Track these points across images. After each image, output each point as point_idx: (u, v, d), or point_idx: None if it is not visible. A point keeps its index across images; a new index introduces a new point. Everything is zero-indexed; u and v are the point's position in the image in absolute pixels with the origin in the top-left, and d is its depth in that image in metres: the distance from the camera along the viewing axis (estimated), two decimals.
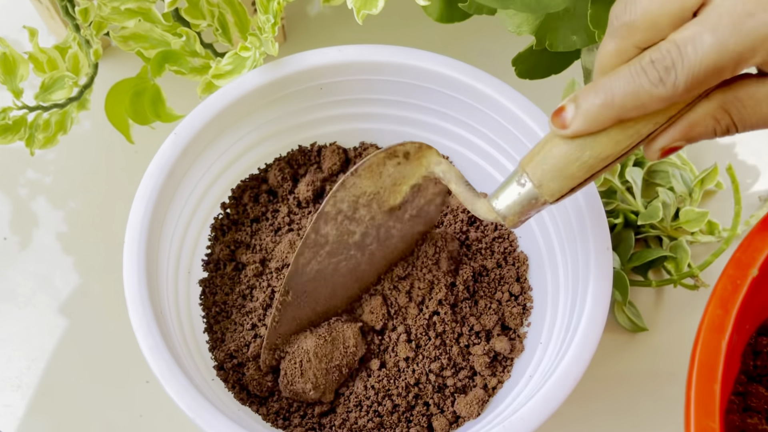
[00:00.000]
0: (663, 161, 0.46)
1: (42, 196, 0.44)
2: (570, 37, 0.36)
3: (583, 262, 0.33)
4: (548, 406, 0.29)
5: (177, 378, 0.29)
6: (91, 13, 0.38)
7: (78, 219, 0.44)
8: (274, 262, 0.36)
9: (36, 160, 0.45)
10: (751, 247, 0.28)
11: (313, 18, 0.52)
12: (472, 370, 0.36)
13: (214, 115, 0.34)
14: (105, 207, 0.44)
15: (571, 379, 0.29)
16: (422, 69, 0.36)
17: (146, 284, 0.30)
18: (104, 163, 0.45)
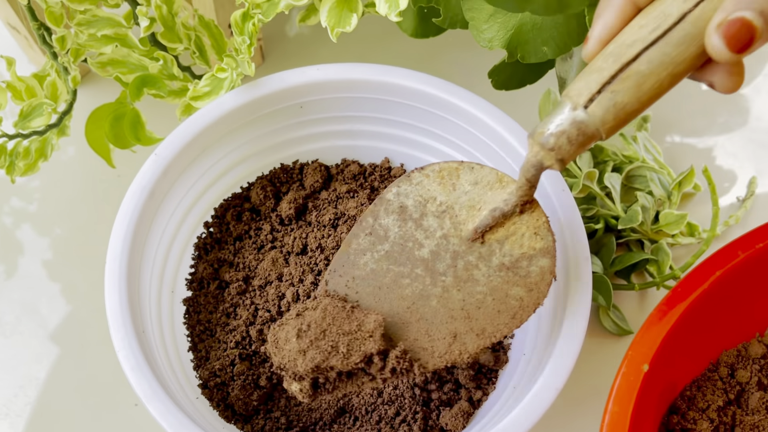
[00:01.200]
0: (640, 166, 0.46)
1: (26, 223, 0.44)
2: (541, 49, 0.37)
3: (563, 272, 0.33)
4: (529, 418, 0.29)
5: (159, 397, 0.29)
6: (68, 40, 0.38)
7: (63, 245, 0.44)
8: (257, 280, 0.36)
9: (19, 187, 0.45)
10: (641, 344, 0.30)
11: (292, 38, 0.52)
12: (457, 383, 0.36)
13: (195, 135, 0.34)
14: (89, 232, 0.44)
15: (552, 390, 0.30)
16: (400, 86, 0.36)
17: (128, 303, 0.30)
18: (88, 189, 0.46)
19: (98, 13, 0.37)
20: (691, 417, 0.33)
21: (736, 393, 0.35)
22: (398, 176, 0.40)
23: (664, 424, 0.34)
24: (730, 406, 0.34)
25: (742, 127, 0.51)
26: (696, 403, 0.34)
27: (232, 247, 0.38)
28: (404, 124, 0.39)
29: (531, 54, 0.37)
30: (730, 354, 0.36)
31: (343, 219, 0.37)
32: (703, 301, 0.31)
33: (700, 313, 0.32)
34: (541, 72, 0.44)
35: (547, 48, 0.37)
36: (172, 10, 0.38)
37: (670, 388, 0.34)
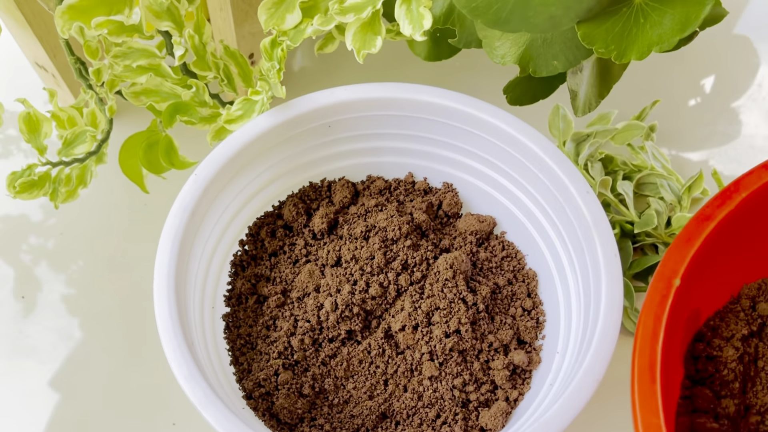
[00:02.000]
0: (650, 173, 0.48)
1: (54, 252, 0.45)
2: (551, 63, 0.39)
3: (593, 270, 0.34)
4: (574, 405, 0.31)
5: (215, 404, 0.30)
6: (104, 72, 0.40)
7: (93, 271, 0.45)
8: (295, 292, 0.38)
9: (52, 216, 0.46)
10: (671, 260, 0.31)
11: (299, 76, 0.54)
12: (493, 384, 0.37)
13: (232, 155, 0.36)
14: (120, 260, 0.45)
15: (593, 379, 0.31)
16: (423, 102, 0.38)
17: (177, 316, 0.31)
18: (116, 218, 0.47)
19: (133, 44, 0.39)
20: (717, 344, 0.34)
21: (758, 326, 0.35)
22: (422, 189, 0.42)
23: (690, 351, 0.34)
24: (753, 338, 0.35)
25: (741, 135, 0.53)
26: (720, 332, 0.34)
27: (268, 263, 0.39)
28: (427, 139, 0.40)
29: (542, 68, 0.39)
30: (752, 287, 0.36)
31: (374, 231, 0.38)
32: (729, 224, 0.31)
33: (725, 237, 0.32)
34: (552, 87, 0.46)
35: (557, 62, 0.39)
36: (203, 40, 0.40)
37: (695, 316, 0.34)
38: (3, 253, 0.46)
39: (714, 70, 0.56)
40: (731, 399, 0.33)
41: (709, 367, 0.33)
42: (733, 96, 0.55)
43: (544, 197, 0.38)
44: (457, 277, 0.37)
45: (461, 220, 0.41)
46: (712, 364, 0.33)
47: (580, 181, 0.35)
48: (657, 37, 0.34)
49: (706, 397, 0.33)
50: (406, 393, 0.36)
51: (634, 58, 0.35)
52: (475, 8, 0.35)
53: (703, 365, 0.34)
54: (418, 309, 0.36)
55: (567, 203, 0.36)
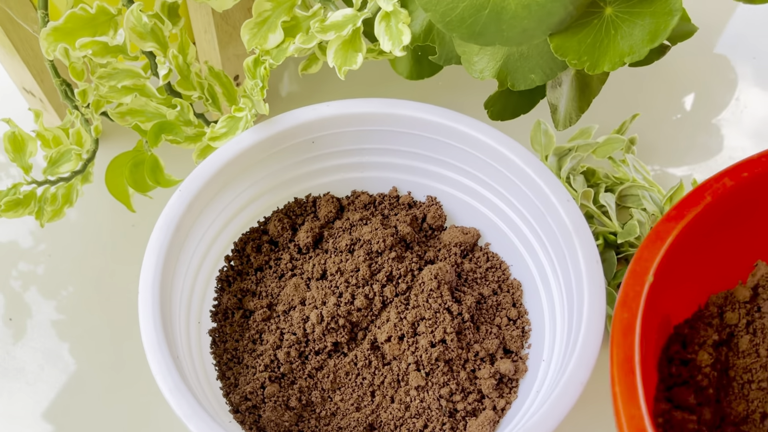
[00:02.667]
0: (631, 185, 0.49)
1: (43, 276, 0.46)
2: (528, 76, 0.40)
3: (575, 277, 0.35)
4: (558, 411, 0.31)
5: (200, 416, 0.30)
6: (90, 94, 0.40)
7: (82, 293, 0.45)
8: (281, 306, 0.38)
9: (44, 232, 0.46)
10: (643, 258, 0.31)
11: (285, 97, 0.55)
12: (480, 393, 0.37)
13: (216, 171, 0.36)
14: (109, 281, 0.45)
15: (577, 383, 0.31)
16: (405, 116, 0.39)
17: (162, 329, 0.32)
18: (103, 239, 0.47)
19: (118, 65, 0.39)
20: (691, 349, 0.34)
21: (726, 335, 0.36)
22: (407, 203, 0.42)
23: (664, 353, 0.35)
24: (722, 347, 0.35)
25: (721, 148, 0.54)
26: (692, 338, 0.35)
27: (254, 278, 0.40)
28: (410, 153, 0.41)
29: (520, 81, 0.40)
30: (719, 296, 0.37)
31: (358, 244, 0.39)
32: (697, 227, 0.32)
33: (693, 240, 0.32)
34: (533, 102, 0.47)
35: (535, 75, 0.40)
36: (187, 60, 0.41)
37: (665, 322, 0.34)
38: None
39: (693, 86, 0.57)
40: (707, 407, 0.33)
41: (684, 371, 0.34)
42: (712, 110, 0.56)
43: (526, 207, 0.38)
44: (441, 287, 0.37)
45: (445, 232, 0.42)
46: (686, 369, 0.34)
47: (561, 189, 0.36)
48: (628, 48, 0.35)
49: (685, 396, 0.33)
50: (393, 404, 0.36)
51: (607, 68, 0.35)
52: (450, 22, 0.36)
53: (677, 369, 0.34)
54: (404, 320, 0.37)
55: (548, 212, 0.36)
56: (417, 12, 0.42)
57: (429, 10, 0.36)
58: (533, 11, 0.34)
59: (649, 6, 0.34)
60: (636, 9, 0.34)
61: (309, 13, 0.41)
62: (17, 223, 0.47)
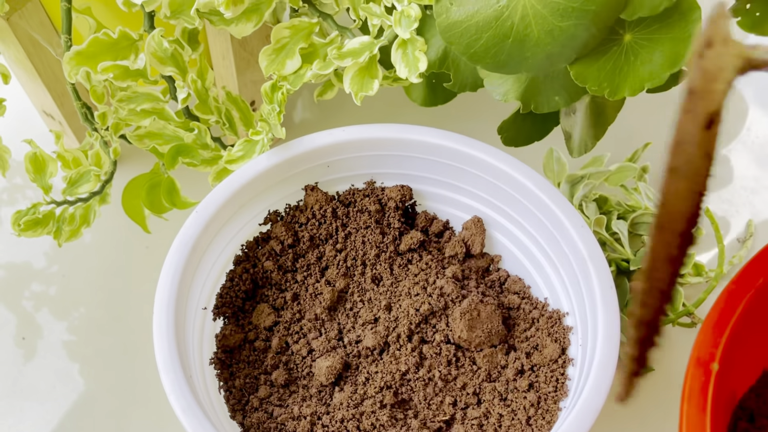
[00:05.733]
0: (644, 212, 0.49)
1: (56, 295, 0.46)
2: (553, 99, 0.40)
3: (589, 303, 0.35)
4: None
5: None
6: (109, 117, 0.41)
7: (95, 313, 0.45)
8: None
9: (54, 255, 0.47)
10: (706, 344, 0.30)
11: (299, 123, 0.56)
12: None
13: (232, 192, 0.37)
14: (121, 302, 0.46)
15: (592, 410, 0.31)
16: (419, 142, 0.39)
17: (176, 348, 0.32)
18: (118, 260, 0.47)
19: (138, 89, 0.40)
20: (759, 424, 0.33)
21: None
22: (420, 224, 0.43)
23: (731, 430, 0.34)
24: None
25: (733, 177, 0.54)
26: (760, 409, 0.34)
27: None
28: (424, 179, 0.41)
29: (544, 104, 0.40)
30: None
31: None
32: (757, 300, 0.31)
33: (752, 319, 0.32)
34: (547, 128, 0.47)
35: (559, 97, 0.40)
36: (205, 85, 0.41)
37: (731, 396, 0.34)
38: (5, 300, 0.46)
39: None
40: None
41: None
42: (723, 140, 0.56)
43: (540, 233, 0.39)
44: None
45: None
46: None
47: (575, 216, 0.36)
48: (648, 74, 0.35)
49: None
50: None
51: (627, 94, 0.36)
52: (474, 54, 0.36)
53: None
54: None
55: (562, 238, 0.36)
56: (433, 39, 0.43)
57: (453, 43, 0.36)
58: (556, 36, 0.34)
59: (668, 32, 0.35)
60: (655, 35, 0.35)
61: (326, 40, 0.41)
62: (32, 244, 0.47)
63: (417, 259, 0.40)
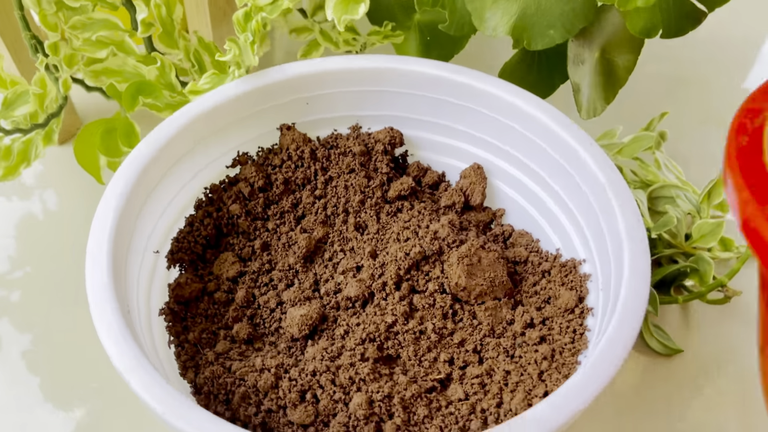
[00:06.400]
0: (663, 185, 0.44)
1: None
2: (547, 32, 0.36)
3: (611, 240, 0.29)
4: (598, 376, 0.24)
5: (145, 368, 0.24)
6: (62, 49, 0.36)
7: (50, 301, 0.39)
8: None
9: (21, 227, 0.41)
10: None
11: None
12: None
13: (191, 119, 0.32)
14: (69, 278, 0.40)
15: (614, 357, 0.25)
16: (407, 71, 0.35)
17: (112, 282, 0.26)
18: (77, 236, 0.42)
19: (94, 15, 0.36)
20: None
21: None
22: (412, 174, 0.37)
23: None
24: None
25: None
26: None
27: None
28: (417, 122, 0.36)
29: (537, 38, 0.36)
30: None
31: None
32: None
33: None
34: (552, 84, 0.43)
35: (554, 31, 0.36)
36: (171, 14, 0.37)
37: None
38: None
39: (723, 89, 0.53)
40: None
41: None
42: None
43: (550, 173, 0.33)
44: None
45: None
46: None
47: (592, 144, 0.31)
48: None
49: None
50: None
51: (640, 3, 0.31)
52: None
53: None
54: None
55: (577, 171, 0.31)
56: None
57: None
58: None
59: None
60: None
61: None
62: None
63: (408, 208, 0.35)
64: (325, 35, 0.46)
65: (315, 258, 0.33)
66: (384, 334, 0.30)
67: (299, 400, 0.27)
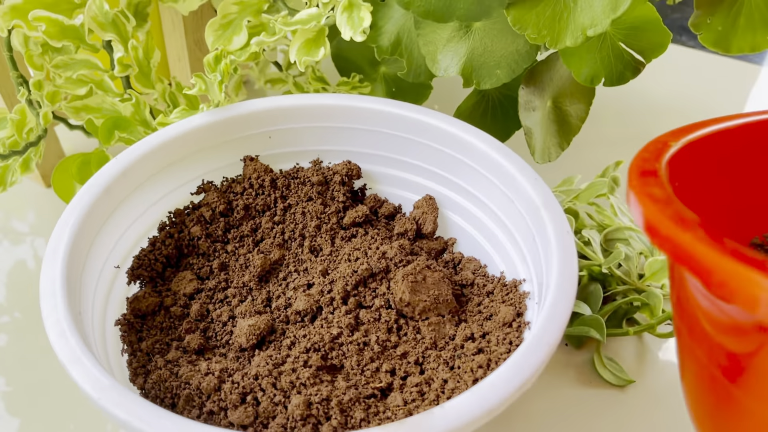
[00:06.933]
0: (617, 227, 0.46)
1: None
2: (494, 72, 0.38)
3: (544, 254, 0.30)
4: (521, 367, 0.25)
5: (88, 359, 0.25)
6: (45, 86, 0.39)
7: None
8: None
9: None
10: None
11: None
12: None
13: (157, 145, 0.34)
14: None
15: (543, 344, 0.26)
16: (364, 109, 0.37)
17: (65, 283, 0.27)
18: None
19: (76, 56, 0.39)
20: None
21: None
22: (368, 204, 0.39)
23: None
24: None
25: None
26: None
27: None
28: (374, 156, 0.39)
29: (485, 78, 0.39)
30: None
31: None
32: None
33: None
34: (507, 131, 0.45)
35: (500, 70, 0.39)
36: (149, 58, 0.40)
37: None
38: None
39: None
40: None
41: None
42: None
43: (493, 199, 0.35)
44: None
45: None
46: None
47: (527, 168, 0.33)
48: (589, 21, 0.34)
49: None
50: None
51: (569, 42, 0.34)
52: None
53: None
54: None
55: (516, 195, 0.33)
56: (385, 27, 0.42)
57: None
58: None
59: None
60: None
61: (275, 17, 0.40)
62: None
63: (362, 234, 0.36)
64: (298, 86, 0.49)
65: (270, 278, 0.35)
66: (329, 345, 0.31)
67: (240, 402, 0.28)
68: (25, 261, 0.44)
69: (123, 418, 0.23)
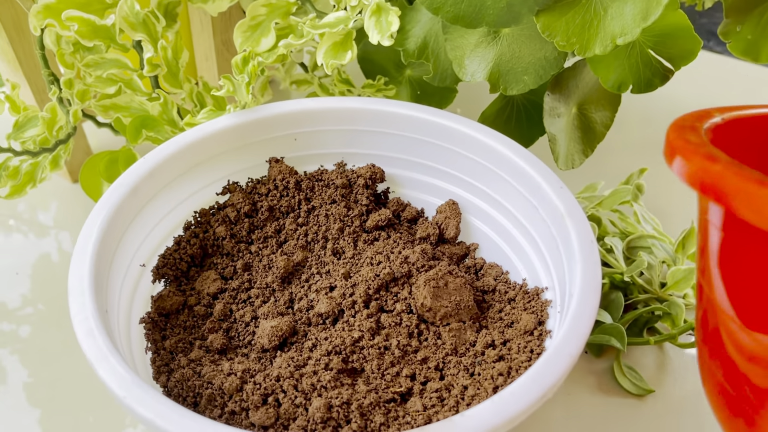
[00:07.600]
0: (640, 235, 0.45)
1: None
2: (521, 78, 0.38)
3: (568, 262, 0.30)
4: (541, 380, 0.25)
5: (114, 357, 0.25)
6: (76, 85, 0.40)
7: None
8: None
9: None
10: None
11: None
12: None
13: (184, 146, 0.34)
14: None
15: (565, 355, 0.26)
16: (391, 114, 0.37)
17: (93, 281, 0.28)
18: None
19: (106, 56, 0.39)
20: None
21: None
22: (392, 208, 0.39)
23: None
24: None
25: None
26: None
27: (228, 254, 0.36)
28: (398, 160, 0.39)
29: (512, 84, 0.38)
30: None
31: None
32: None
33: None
34: (531, 137, 0.45)
35: (528, 77, 0.38)
36: (178, 58, 0.40)
37: None
38: None
39: None
40: None
41: None
42: None
43: (517, 206, 0.35)
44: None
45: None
46: None
47: (552, 176, 0.33)
48: (620, 29, 0.33)
49: None
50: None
51: (598, 50, 0.34)
52: (433, 2, 0.35)
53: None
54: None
55: (540, 202, 0.33)
56: (412, 30, 0.42)
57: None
58: None
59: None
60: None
61: (303, 19, 0.41)
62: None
63: (384, 237, 0.36)
64: (323, 87, 0.49)
65: (293, 279, 0.35)
66: (350, 348, 0.31)
67: (261, 403, 0.28)
68: (50, 254, 0.45)
69: (147, 416, 0.24)
